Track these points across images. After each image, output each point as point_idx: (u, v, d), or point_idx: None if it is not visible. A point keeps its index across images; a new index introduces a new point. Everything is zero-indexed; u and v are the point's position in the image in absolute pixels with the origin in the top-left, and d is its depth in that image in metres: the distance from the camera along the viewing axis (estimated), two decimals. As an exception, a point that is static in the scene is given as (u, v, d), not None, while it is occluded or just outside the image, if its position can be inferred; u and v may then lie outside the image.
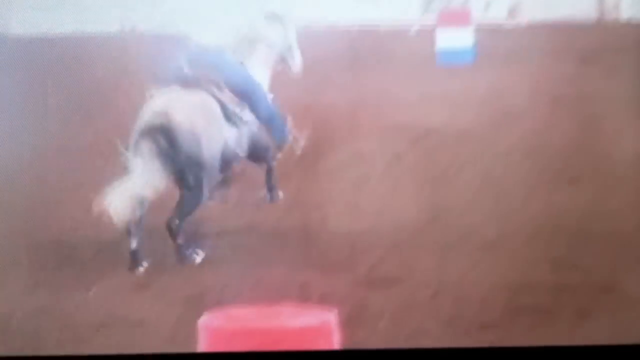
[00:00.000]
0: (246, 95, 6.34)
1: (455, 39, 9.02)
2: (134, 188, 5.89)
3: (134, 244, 6.01)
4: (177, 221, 6.04)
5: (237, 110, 6.27)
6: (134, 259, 6.02)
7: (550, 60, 8.39)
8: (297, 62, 6.70)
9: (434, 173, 6.98)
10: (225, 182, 6.51)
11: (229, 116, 6.24)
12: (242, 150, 6.36)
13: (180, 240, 6.05)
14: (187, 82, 6.23)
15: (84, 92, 7.47)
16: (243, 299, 5.07)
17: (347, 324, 4.08)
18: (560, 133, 7.32)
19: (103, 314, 5.49)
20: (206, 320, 3.71)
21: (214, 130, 6.16)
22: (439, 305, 5.58)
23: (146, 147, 5.97)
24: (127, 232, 5.98)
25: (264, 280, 5.70)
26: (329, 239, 6.37)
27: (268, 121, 6.47)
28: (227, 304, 4.10)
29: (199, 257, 6.09)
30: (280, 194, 6.65)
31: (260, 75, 6.53)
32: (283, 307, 3.96)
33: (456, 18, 9.21)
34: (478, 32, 9.13)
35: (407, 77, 8.48)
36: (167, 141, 5.96)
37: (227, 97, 6.25)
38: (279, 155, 6.62)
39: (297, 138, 6.59)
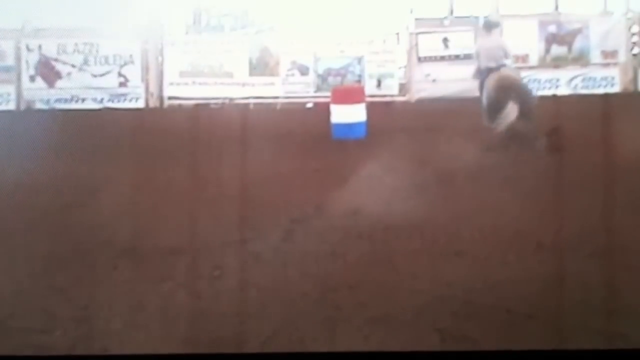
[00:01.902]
0: None
1: (349, 114, 9.22)
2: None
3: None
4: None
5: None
6: None
7: (436, 135, 8.60)
8: None
9: (324, 249, 7.00)
10: None
11: None
12: None
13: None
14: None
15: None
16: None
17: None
18: (446, 206, 7.52)
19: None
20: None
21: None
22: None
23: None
24: None
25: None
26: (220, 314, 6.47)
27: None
28: None
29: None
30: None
31: None
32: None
33: (350, 94, 9.43)
34: (370, 107, 9.35)
35: (301, 152, 8.60)
36: (518, 90, 9.15)
37: None
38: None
39: None
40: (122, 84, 10.45)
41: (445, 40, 10.14)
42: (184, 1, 9.94)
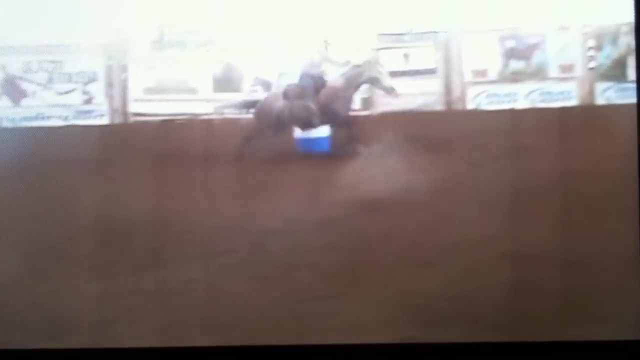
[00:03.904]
0: None
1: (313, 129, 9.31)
2: None
3: None
4: None
5: None
6: None
7: (401, 148, 8.69)
8: None
9: (294, 261, 7.12)
10: None
11: None
12: None
13: None
14: None
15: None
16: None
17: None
18: (414, 219, 7.56)
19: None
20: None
21: None
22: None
23: None
24: None
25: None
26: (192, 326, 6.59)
27: None
28: None
29: None
30: None
31: None
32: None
33: (314, 110, 9.55)
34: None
35: (267, 165, 8.66)
36: None
37: None
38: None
39: None
40: (86, 101, 10.45)
41: (406, 55, 10.27)
42: (147, 18, 9.97)
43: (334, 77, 9.63)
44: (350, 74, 9.69)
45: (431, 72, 10.40)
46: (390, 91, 9.63)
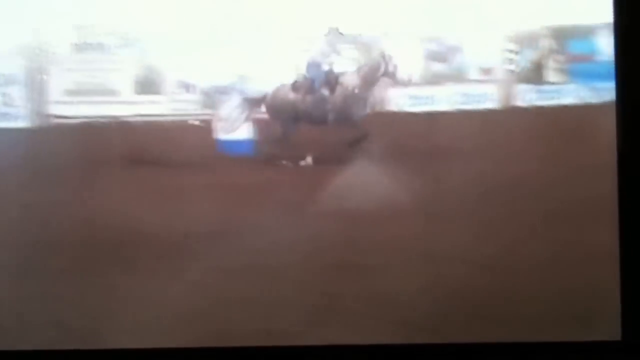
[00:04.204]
0: None
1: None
2: None
3: None
4: None
5: None
6: None
7: (325, 152, 8.73)
8: None
9: (218, 263, 7.09)
10: None
11: None
12: None
13: None
14: None
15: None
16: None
17: None
18: (336, 221, 7.54)
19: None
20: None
21: None
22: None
23: None
24: None
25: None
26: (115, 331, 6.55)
27: None
28: None
29: None
30: None
31: None
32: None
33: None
34: (258, 124, 9.44)
35: (189, 168, 8.61)
36: None
37: None
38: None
39: None
40: (6, 104, 10.29)
41: (330, 57, 10.29)
42: (68, 19, 9.85)
43: (345, 72, 9.53)
44: (365, 70, 9.63)
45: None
46: (407, 83, 9.55)
